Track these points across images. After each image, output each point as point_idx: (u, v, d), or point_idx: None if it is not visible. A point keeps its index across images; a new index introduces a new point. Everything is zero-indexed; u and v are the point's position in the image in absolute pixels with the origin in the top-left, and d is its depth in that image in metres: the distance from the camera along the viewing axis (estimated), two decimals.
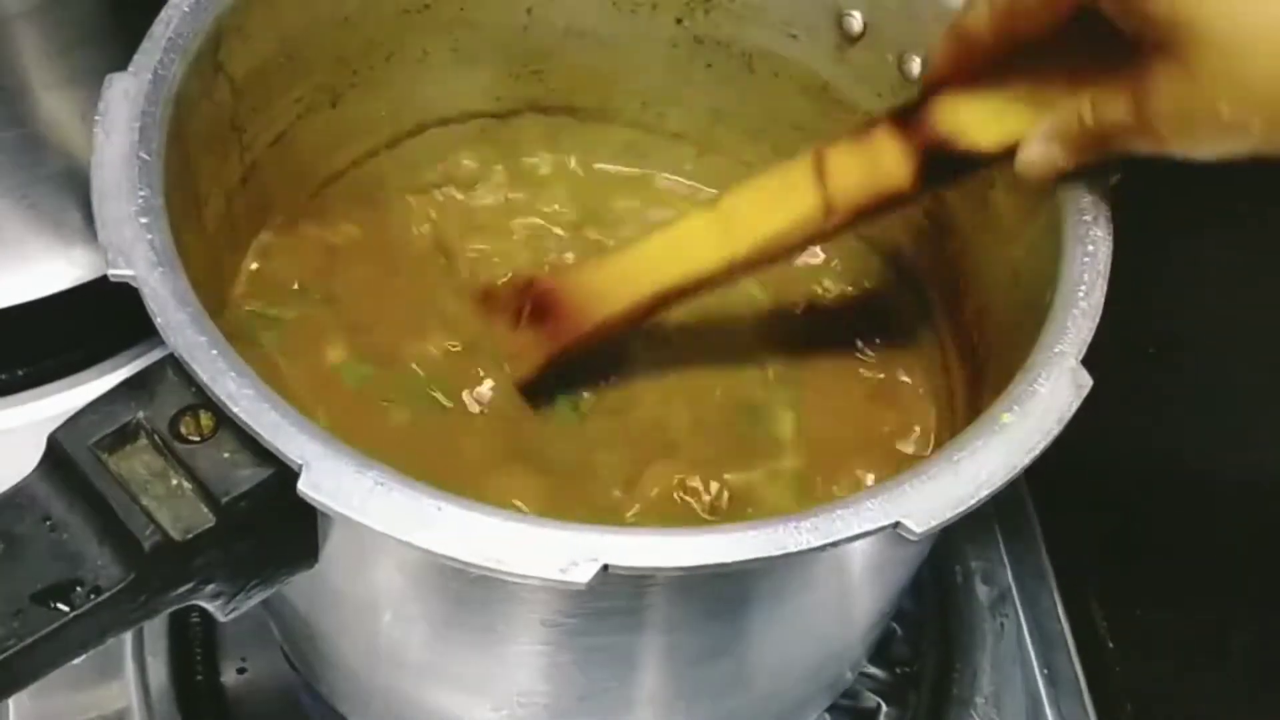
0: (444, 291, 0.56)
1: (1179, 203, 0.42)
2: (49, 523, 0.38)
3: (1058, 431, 0.39)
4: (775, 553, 0.36)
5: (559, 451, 0.52)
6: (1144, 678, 0.61)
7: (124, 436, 0.39)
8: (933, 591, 0.64)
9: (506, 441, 0.52)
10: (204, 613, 0.42)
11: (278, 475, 0.38)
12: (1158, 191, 0.45)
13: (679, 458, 0.52)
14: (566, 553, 0.36)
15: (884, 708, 0.60)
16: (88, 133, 0.42)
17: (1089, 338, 0.41)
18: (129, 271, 0.39)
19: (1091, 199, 0.45)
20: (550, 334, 0.53)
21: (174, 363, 0.39)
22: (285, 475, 0.37)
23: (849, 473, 0.53)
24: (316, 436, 0.37)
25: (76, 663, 0.39)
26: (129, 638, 0.59)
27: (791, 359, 0.56)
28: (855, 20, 0.53)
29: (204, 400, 0.38)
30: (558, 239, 0.59)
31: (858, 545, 0.38)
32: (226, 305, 0.53)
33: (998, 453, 0.39)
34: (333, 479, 0.36)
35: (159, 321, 0.39)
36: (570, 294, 0.53)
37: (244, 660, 0.59)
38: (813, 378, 0.56)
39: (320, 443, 0.37)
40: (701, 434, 0.53)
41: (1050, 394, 0.40)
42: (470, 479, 0.48)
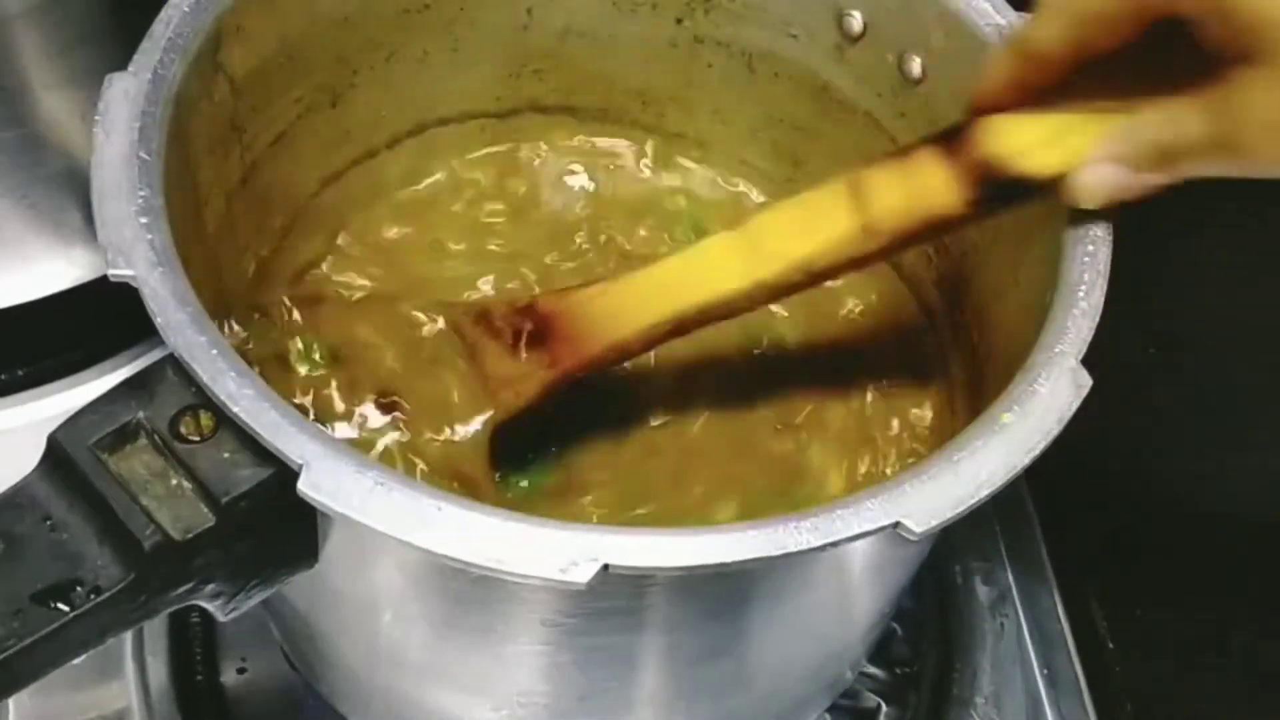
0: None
1: (1179, 203, 0.42)
2: (49, 523, 0.38)
3: (1058, 431, 0.39)
4: (775, 553, 0.36)
5: None
6: (1144, 678, 0.61)
7: (124, 436, 0.39)
8: (933, 591, 0.64)
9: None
10: (204, 613, 0.42)
11: (278, 475, 0.38)
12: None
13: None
14: (566, 553, 0.36)
15: (884, 708, 0.60)
16: (88, 133, 0.42)
17: (1089, 338, 0.41)
18: (129, 271, 0.39)
19: None
20: (552, 359, 0.49)
21: (174, 363, 0.39)
22: (285, 475, 0.37)
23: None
24: (316, 436, 0.37)
25: (76, 663, 0.39)
26: (129, 638, 0.59)
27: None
28: (855, 20, 0.53)
29: (204, 400, 0.38)
30: (558, 239, 0.59)
31: (858, 545, 0.38)
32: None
33: (998, 453, 0.39)
34: (333, 479, 0.36)
35: (159, 321, 0.39)
36: (578, 315, 0.49)
37: (244, 660, 0.59)
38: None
39: (320, 443, 0.37)
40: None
41: (1050, 394, 0.40)
42: None
